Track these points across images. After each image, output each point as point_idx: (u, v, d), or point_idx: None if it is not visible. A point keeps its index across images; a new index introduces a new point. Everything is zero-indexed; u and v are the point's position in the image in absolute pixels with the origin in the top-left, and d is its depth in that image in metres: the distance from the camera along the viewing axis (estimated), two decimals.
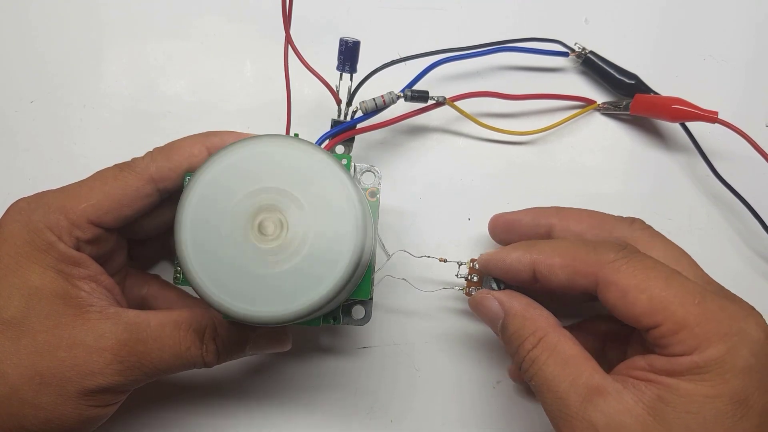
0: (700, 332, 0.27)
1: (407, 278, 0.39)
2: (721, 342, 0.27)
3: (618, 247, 0.31)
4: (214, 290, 0.29)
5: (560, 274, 0.32)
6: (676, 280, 0.29)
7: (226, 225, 0.30)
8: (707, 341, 0.27)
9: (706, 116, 0.40)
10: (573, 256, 0.32)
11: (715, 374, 0.27)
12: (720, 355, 0.27)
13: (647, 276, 0.29)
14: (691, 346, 0.27)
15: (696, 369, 0.27)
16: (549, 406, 0.30)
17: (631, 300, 0.29)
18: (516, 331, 0.32)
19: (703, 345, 0.27)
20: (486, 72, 0.44)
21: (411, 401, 0.41)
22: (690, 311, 0.28)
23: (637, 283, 0.29)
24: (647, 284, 0.29)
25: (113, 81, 0.45)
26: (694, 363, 0.27)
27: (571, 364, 0.30)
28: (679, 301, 0.28)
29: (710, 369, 0.27)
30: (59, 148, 0.44)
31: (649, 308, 0.29)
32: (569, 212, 0.37)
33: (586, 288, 0.31)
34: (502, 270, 0.35)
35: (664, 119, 0.42)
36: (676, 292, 0.29)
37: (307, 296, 0.29)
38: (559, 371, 0.30)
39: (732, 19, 0.45)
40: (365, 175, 0.38)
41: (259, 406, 0.41)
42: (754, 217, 0.41)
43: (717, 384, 0.27)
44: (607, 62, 0.43)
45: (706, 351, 0.27)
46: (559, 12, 0.46)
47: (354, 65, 0.36)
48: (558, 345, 0.30)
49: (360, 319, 0.37)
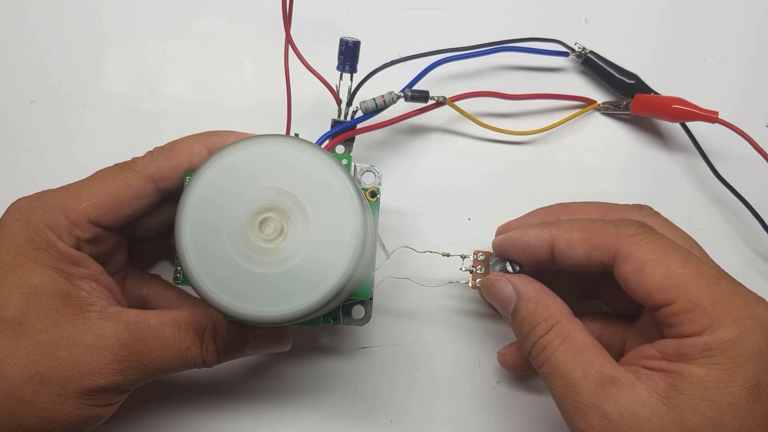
0: (713, 312, 0.27)
1: (410, 277, 0.39)
2: (734, 324, 0.27)
3: (638, 224, 0.31)
4: (214, 290, 0.29)
5: (579, 249, 0.31)
6: (693, 260, 0.29)
7: (227, 225, 0.30)
8: (719, 322, 0.27)
9: (706, 116, 0.40)
10: (592, 229, 0.32)
11: (728, 357, 0.26)
12: (732, 338, 0.27)
13: (666, 252, 0.29)
14: (703, 326, 0.27)
15: (708, 351, 0.27)
16: (559, 393, 0.29)
17: (647, 274, 0.29)
18: (528, 316, 0.32)
19: (715, 325, 0.27)
20: (486, 72, 0.44)
21: (411, 401, 0.40)
22: (705, 291, 0.28)
23: (656, 258, 0.29)
24: (665, 260, 0.29)
25: (113, 81, 0.45)
26: (706, 344, 0.27)
27: (584, 352, 0.29)
28: (695, 280, 0.28)
29: (723, 351, 0.27)
30: (59, 148, 0.44)
31: (665, 284, 0.28)
32: (576, 206, 0.37)
33: (604, 263, 0.31)
34: (520, 247, 0.34)
35: (664, 119, 0.42)
36: (692, 271, 0.28)
37: (307, 297, 0.29)
38: (571, 358, 0.29)
39: (732, 19, 0.45)
40: (365, 174, 0.38)
41: (259, 406, 0.41)
42: (755, 216, 0.41)
43: (730, 368, 0.26)
44: (607, 62, 0.43)
45: (717, 332, 0.27)
46: (559, 12, 0.46)
47: (354, 65, 0.36)
48: (571, 332, 0.30)
49: (360, 319, 0.37)
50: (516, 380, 0.41)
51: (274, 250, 0.29)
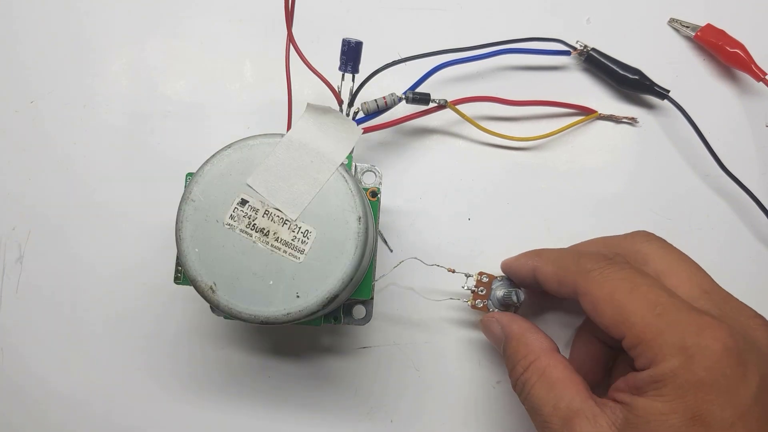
0: (655, 345, 0.27)
1: (414, 287, 0.40)
2: (676, 355, 0.26)
3: (602, 258, 0.31)
4: (215, 289, 0.29)
5: (551, 282, 0.33)
6: (640, 291, 0.29)
7: (227, 225, 0.30)
8: (662, 354, 0.27)
9: (755, 73, 0.42)
10: (560, 265, 0.33)
11: (671, 389, 0.26)
12: (673, 368, 0.26)
13: (614, 287, 0.29)
14: (649, 359, 0.27)
15: (654, 384, 0.27)
16: (537, 429, 0.31)
17: (599, 311, 0.29)
18: (512, 354, 0.33)
19: (658, 358, 0.27)
20: (487, 73, 0.44)
21: (411, 401, 0.41)
22: (649, 323, 0.28)
23: (605, 295, 0.29)
24: (614, 295, 0.29)
25: (113, 81, 0.45)
26: (651, 377, 0.27)
27: (556, 388, 0.30)
28: (640, 313, 0.28)
29: (666, 383, 0.26)
30: (59, 148, 0.44)
31: (614, 320, 0.29)
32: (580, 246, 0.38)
33: (571, 297, 0.32)
34: (511, 272, 0.38)
35: (719, 57, 0.44)
36: (638, 303, 0.28)
37: (307, 297, 0.29)
38: (544, 395, 0.30)
39: (732, 19, 0.46)
40: (366, 174, 0.38)
41: (259, 406, 0.41)
42: (760, 209, 0.41)
43: (672, 399, 0.26)
44: (610, 58, 0.43)
45: (660, 364, 0.27)
46: (559, 12, 0.46)
47: (356, 65, 0.36)
48: (546, 369, 0.31)
49: (361, 319, 0.37)
50: None
51: (274, 252, 0.30)
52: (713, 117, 0.43)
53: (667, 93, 0.42)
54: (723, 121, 0.43)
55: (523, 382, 0.32)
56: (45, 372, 0.42)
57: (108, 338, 0.42)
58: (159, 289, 0.42)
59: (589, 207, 0.43)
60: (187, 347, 0.41)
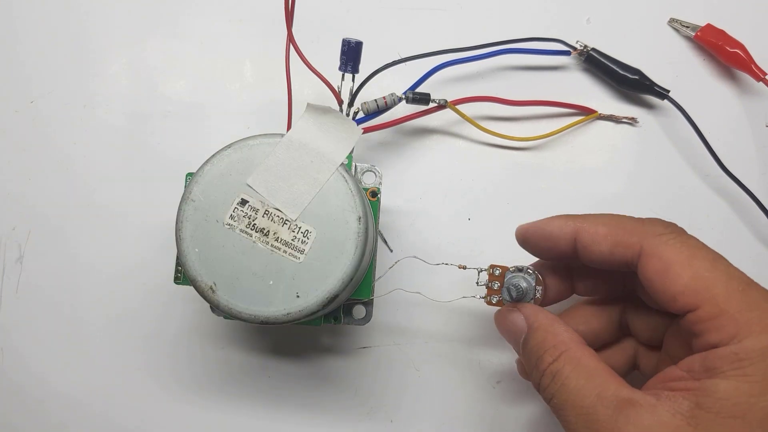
0: (741, 319, 0.25)
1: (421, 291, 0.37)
2: (765, 332, 0.25)
3: (666, 224, 0.30)
4: (215, 289, 0.29)
5: (603, 244, 0.30)
6: (723, 263, 0.27)
7: (226, 224, 0.30)
8: (748, 330, 0.25)
9: (755, 73, 0.42)
10: (618, 225, 0.30)
11: (759, 368, 0.24)
12: (763, 347, 0.24)
13: (693, 254, 0.27)
14: (730, 334, 0.25)
15: (737, 362, 0.25)
16: (573, 425, 0.27)
17: (672, 275, 0.27)
18: (538, 344, 0.30)
19: (743, 333, 0.25)
20: (487, 73, 0.44)
21: (411, 401, 0.41)
22: (733, 296, 0.26)
23: (683, 259, 0.27)
24: (693, 262, 0.27)
25: (113, 81, 0.45)
26: (734, 354, 0.25)
27: (597, 377, 0.27)
28: (723, 285, 0.26)
29: (753, 362, 0.24)
30: (59, 148, 0.44)
31: (691, 287, 0.27)
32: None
33: (627, 260, 0.29)
34: (542, 237, 0.33)
35: (720, 57, 0.44)
36: (721, 275, 0.27)
37: (307, 297, 0.29)
38: (584, 383, 0.27)
39: (732, 19, 0.46)
40: (366, 174, 0.38)
41: (259, 406, 0.41)
42: (760, 209, 0.41)
43: (761, 381, 0.24)
44: (610, 58, 0.43)
45: (746, 340, 0.25)
46: (559, 12, 0.46)
47: (356, 65, 0.36)
48: (582, 358, 0.28)
49: (361, 319, 0.37)
50: (516, 380, 0.41)
51: (274, 252, 0.30)
52: (713, 117, 0.43)
53: (667, 93, 0.42)
54: (723, 121, 0.43)
55: (554, 372, 0.29)
56: (45, 372, 0.42)
57: (108, 338, 0.42)
58: (159, 289, 0.42)
59: (589, 207, 0.42)
60: (187, 347, 0.41)
